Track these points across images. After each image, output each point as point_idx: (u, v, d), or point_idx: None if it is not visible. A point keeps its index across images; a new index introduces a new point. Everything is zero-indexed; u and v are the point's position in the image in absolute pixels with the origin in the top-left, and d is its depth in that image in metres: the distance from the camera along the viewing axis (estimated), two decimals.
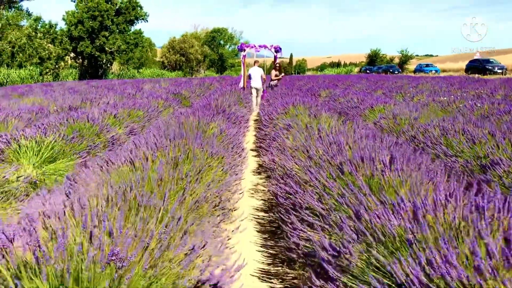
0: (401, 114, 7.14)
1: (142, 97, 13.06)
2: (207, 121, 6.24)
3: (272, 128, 7.10)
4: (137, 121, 8.17)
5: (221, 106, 8.73)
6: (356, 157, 3.31)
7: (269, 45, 16.51)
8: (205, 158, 4.05)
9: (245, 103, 12.22)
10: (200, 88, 19.08)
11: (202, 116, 6.75)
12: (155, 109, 10.01)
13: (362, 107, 8.80)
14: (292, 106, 7.81)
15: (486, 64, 34.73)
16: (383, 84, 18.53)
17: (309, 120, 6.54)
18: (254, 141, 9.03)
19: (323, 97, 13.89)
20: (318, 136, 4.65)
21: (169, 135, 4.43)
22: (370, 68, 63.34)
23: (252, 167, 6.56)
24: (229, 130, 5.93)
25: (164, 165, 3.35)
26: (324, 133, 4.78)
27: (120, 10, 52.49)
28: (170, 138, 4.35)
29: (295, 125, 6.13)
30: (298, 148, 4.47)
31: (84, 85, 23.91)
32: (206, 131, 5.69)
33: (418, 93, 12.34)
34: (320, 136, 4.64)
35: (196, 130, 5.32)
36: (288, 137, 5.46)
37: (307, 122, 6.45)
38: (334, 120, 6.31)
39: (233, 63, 77.36)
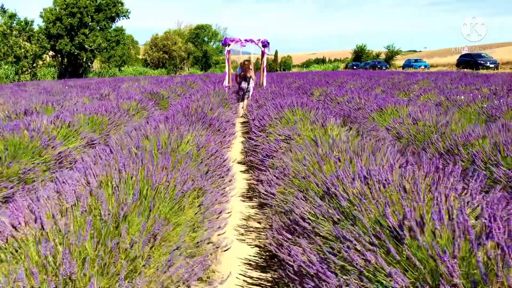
0: (422, 118, 5.81)
1: (117, 97, 11.59)
2: (182, 131, 4.84)
3: (265, 137, 5.71)
4: (99, 130, 6.72)
5: (202, 110, 7.32)
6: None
7: (256, 39, 15.02)
8: (171, 202, 2.66)
9: (230, 104, 10.81)
10: (182, 87, 17.59)
11: (177, 124, 5.34)
12: (126, 112, 8.56)
13: (368, 109, 7.46)
14: (288, 110, 6.42)
15: (478, 59, 33.75)
16: (379, 81, 17.27)
17: (312, 127, 5.17)
18: (242, 150, 7.65)
19: (317, 96, 12.54)
20: (337, 159, 3.27)
21: (119, 161, 3.02)
22: (357, 64, 62.34)
23: (240, 189, 5.16)
24: (210, 146, 4.54)
25: (92, 226, 1.95)
26: (346, 156, 3.41)
27: (100, 7, 50.70)
28: (119, 166, 2.94)
29: (296, 136, 4.77)
30: (309, 178, 3.10)
31: (60, 84, 22.31)
32: (179, 146, 4.29)
33: (423, 91, 11.05)
34: (339, 159, 3.27)
35: (165, 148, 3.92)
36: (288, 155, 4.08)
37: (310, 130, 5.08)
38: (344, 131, 4.94)
39: (218, 60, 75.77)
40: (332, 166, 3.18)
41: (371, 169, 2.61)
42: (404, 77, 18.03)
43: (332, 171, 3.04)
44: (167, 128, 5.06)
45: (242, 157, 7.09)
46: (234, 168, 6.00)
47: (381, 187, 2.40)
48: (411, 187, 2.31)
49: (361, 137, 4.49)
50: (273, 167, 4.50)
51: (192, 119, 6.25)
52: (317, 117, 6.03)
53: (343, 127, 5.47)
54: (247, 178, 5.74)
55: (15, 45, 43.97)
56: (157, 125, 5.07)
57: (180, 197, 2.82)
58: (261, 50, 15.20)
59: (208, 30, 77.07)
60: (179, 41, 67.89)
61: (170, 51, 67.14)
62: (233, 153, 7.33)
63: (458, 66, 35.35)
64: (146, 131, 4.75)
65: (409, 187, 2.33)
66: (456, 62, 37.02)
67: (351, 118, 7.60)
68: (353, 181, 2.59)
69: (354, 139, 4.51)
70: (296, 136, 4.72)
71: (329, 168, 3.17)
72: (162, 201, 2.67)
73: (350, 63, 67.53)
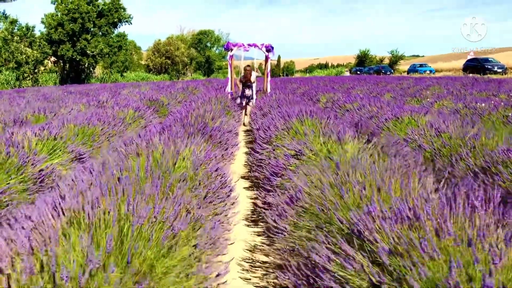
0: (446, 129, 5.24)
1: (114, 104, 11.07)
2: (179, 146, 4.27)
3: (271, 151, 5.14)
4: (90, 142, 6.17)
5: (202, 119, 6.76)
6: None
7: (260, 44, 14.44)
8: (157, 246, 2.09)
9: (233, 111, 10.25)
10: (183, 93, 17.07)
11: (173, 137, 4.78)
12: (122, 121, 8.01)
13: (382, 118, 6.89)
14: (296, 120, 5.84)
15: (485, 64, 33.10)
16: (386, 86, 16.70)
17: (324, 140, 4.59)
18: (245, 162, 7.08)
19: (324, 102, 11.97)
20: (362, 188, 2.69)
21: (93, 192, 2.45)
22: (361, 69, 61.75)
23: (244, 209, 4.59)
24: (211, 164, 3.97)
25: None
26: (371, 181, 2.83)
27: (102, 12, 50.36)
28: (94, 198, 2.37)
29: (307, 151, 4.20)
30: (329, 210, 2.52)
31: (60, 91, 21.84)
32: (175, 164, 3.72)
33: (436, 97, 10.48)
34: (364, 186, 2.69)
35: (156, 168, 3.35)
36: (301, 176, 3.50)
37: (322, 143, 4.50)
38: (361, 145, 4.36)
39: (221, 65, 75.28)
40: (357, 195, 2.60)
41: (412, 205, 2.03)
42: (413, 82, 17.46)
43: (356, 202, 2.47)
44: (162, 142, 4.50)
45: (245, 171, 6.51)
46: (237, 183, 5.43)
47: (433, 235, 1.83)
48: (476, 236, 1.74)
49: (383, 154, 3.91)
50: (281, 188, 3.93)
51: (191, 130, 5.69)
52: (329, 128, 5.46)
53: (358, 139, 4.90)
54: (252, 196, 5.16)
55: (16, 51, 43.61)
56: (150, 138, 4.51)
57: (170, 237, 2.25)
58: (264, 55, 14.64)
59: (211, 35, 76.70)
60: (181, 46, 67.53)
61: (172, 57, 66.77)
62: (236, 166, 6.76)
63: (464, 71, 34.71)
64: (137, 147, 4.19)
65: (475, 234, 1.76)
66: (463, 67, 36.38)
67: (363, 127, 7.03)
68: (391, 221, 2.01)
69: (372, 155, 3.94)
70: (307, 151, 4.15)
71: (353, 199, 2.60)
72: (145, 243, 2.11)
73: (353, 68, 66.92)
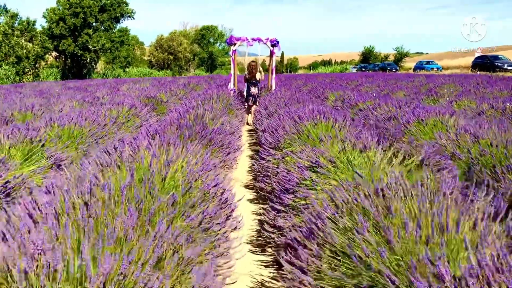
0: (483, 134, 4.51)
1: (110, 101, 10.37)
2: (171, 155, 3.56)
3: (281, 159, 4.42)
4: (73, 146, 5.46)
5: (202, 119, 6.04)
6: None
7: (264, 38, 13.66)
8: None
9: (235, 110, 9.52)
10: (184, 90, 16.34)
11: (166, 142, 4.07)
12: (114, 121, 7.30)
13: (403, 119, 6.15)
14: (308, 122, 5.11)
15: (494, 61, 32.20)
16: (396, 84, 15.91)
17: (343, 146, 3.86)
18: (250, 168, 6.37)
19: (333, 101, 11.22)
20: (416, 227, 1.97)
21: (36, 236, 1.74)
22: (366, 66, 60.86)
23: (249, 229, 3.88)
24: (209, 177, 3.26)
25: None
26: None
27: (104, 7, 49.63)
28: (37, 247, 1.66)
29: (325, 161, 3.47)
30: (371, 265, 1.80)
31: (59, 86, 21.19)
32: (164, 180, 3.01)
33: (455, 96, 9.73)
34: (418, 225, 1.97)
35: (140, 187, 2.63)
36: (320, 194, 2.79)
37: (341, 151, 3.78)
38: (390, 155, 3.62)
39: (224, 61, 74.54)
40: (410, 240, 1.88)
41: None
42: (424, 80, 16.67)
43: (411, 250, 1.76)
44: (152, 148, 3.78)
45: (250, 178, 5.79)
46: (239, 193, 4.72)
47: None
48: None
49: (419, 168, 3.18)
50: (294, 208, 3.22)
51: (188, 133, 4.97)
52: (347, 132, 4.74)
53: (381, 145, 4.17)
54: (257, 210, 4.45)
55: (17, 46, 42.97)
56: (137, 145, 3.78)
57: None
58: (269, 50, 13.86)
59: (214, 31, 75.88)
60: (184, 42, 66.75)
61: (175, 52, 66.01)
62: (239, 172, 6.05)
63: (473, 68, 33.86)
64: (121, 157, 3.47)
65: None
66: (472, 64, 35.49)
67: (382, 129, 6.30)
68: None
69: (410, 170, 3.21)
70: (326, 162, 3.43)
71: (405, 245, 1.88)
72: None
73: (358, 65, 65.97)
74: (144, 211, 2.21)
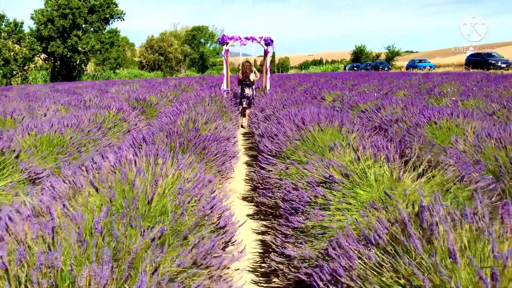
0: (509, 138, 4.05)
1: (96, 105, 9.82)
2: (159, 170, 3.05)
3: (284, 169, 3.92)
4: (52, 156, 4.92)
5: (194, 124, 5.53)
6: None
7: (258, 37, 13.16)
8: None
9: (230, 112, 9.01)
10: (175, 91, 15.80)
11: (154, 153, 3.56)
12: (99, 126, 6.77)
13: (412, 121, 5.68)
14: (314, 127, 4.61)
15: (488, 59, 31.96)
16: (393, 83, 15.50)
17: (356, 155, 3.37)
18: (247, 177, 5.88)
19: (330, 101, 10.75)
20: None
21: None
22: (358, 65, 60.54)
23: (251, 254, 3.38)
24: (204, 197, 2.75)
25: None
26: None
27: (93, 8, 48.74)
28: None
29: (339, 175, 2.98)
30: None
31: (47, 89, 20.58)
32: (150, 203, 2.50)
33: (459, 95, 9.30)
34: None
35: (119, 217, 2.13)
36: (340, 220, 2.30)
37: (354, 162, 3.29)
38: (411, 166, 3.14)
39: (215, 62, 73.94)
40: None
41: None
42: (422, 78, 16.27)
43: None
44: (138, 161, 3.27)
45: (248, 189, 5.30)
46: (238, 207, 4.23)
47: None
48: None
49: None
50: (306, 232, 2.72)
51: (179, 141, 4.46)
52: (356, 137, 4.26)
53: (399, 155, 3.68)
54: (258, 229, 3.95)
55: (4, 48, 42.09)
56: (120, 159, 3.27)
57: None
58: (263, 49, 13.35)
59: (205, 31, 75.22)
60: (175, 43, 66.05)
61: (166, 53, 65.32)
62: (236, 182, 5.55)
63: (467, 66, 33.62)
64: (100, 172, 2.96)
65: None
66: (465, 62, 35.24)
67: (389, 134, 5.84)
68: None
69: (448, 189, 2.74)
70: (340, 177, 2.95)
71: None
72: None
73: (350, 64, 65.64)
74: (122, 256, 1.71)
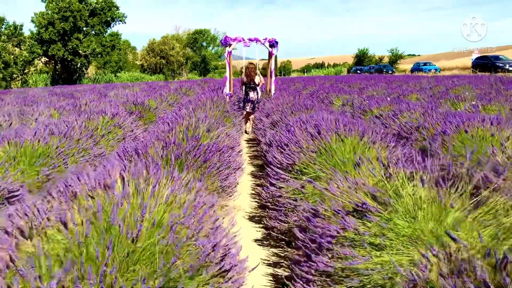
0: None
1: (95, 109, 9.24)
2: (148, 195, 2.47)
3: (299, 188, 3.32)
4: (32, 171, 4.33)
5: (194, 132, 4.94)
6: None
7: (262, 38, 12.57)
8: None
9: (233, 118, 8.42)
10: (176, 95, 15.23)
11: (146, 168, 2.97)
12: (91, 134, 6.18)
13: (438, 129, 5.08)
14: (332, 136, 4.01)
15: (496, 61, 31.33)
16: (402, 86, 14.89)
17: (386, 171, 2.77)
18: (252, 190, 5.29)
19: (339, 106, 10.16)
20: None
21: None
22: (361, 68, 59.90)
23: (259, 276, 2.78)
24: (202, 230, 2.16)
25: None
26: None
27: (94, 11, 48.22)
28: None
29: (370, 200, 2.39)
30: None
31: (45, 92, 20.00)
32: (135, 241, 1.92)
33: (478, 99, 8.70)
34: None
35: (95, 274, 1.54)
36: None
37: (385, 180, 2.70)
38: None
39: (217, 65, 73.43)
40: None
41: None
42: (432, 81, 15.67)
43: None
44: (126, 181, 2.69)
45: (254, 205, 4.70)
46: (244, 229, 3.64)
47: None
48: None
49: None
50: (335, 280, 2.12)
51: (176, 153, 3.87)
52: (378, 147, 3.66)
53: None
54: (269, 258, 3.34)
55: (4, 51, 41.60)
56: (99, 182, 2.67)
57: None
58: (268, 51, 12.75)
59: (207, 34, 74.73)
60: (177, 46, 65.55)
61: (167, 56, 64.81)
62: (241, 199, 4.94)
63: (474, 69, 33.00)
64: (75, 199, 2.37)
65: None
66: (472, 65, 34.63)
67: (411, 142, 5.24)
68: None
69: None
70: (374, 203, 2.36)
71: None
72: None
73: (353, 68, 64.98)
74: None
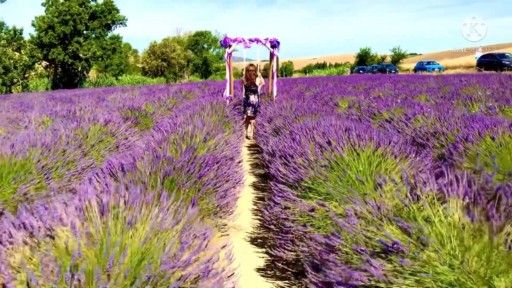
0: None
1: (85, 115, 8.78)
2: (132, 227, 2.00)
3: (307, 209, 2.85)
4: (9, 189, 3.86)
5: (190, 143, 4.47)
6: None
7: (263, 38, 12.10)
8: None
9: (233, 123, 7.95)
10: (175, 98, 14.78)
11: (132, 196, 2.50)
12: (80, 143, 5.72)
13: (458, 136, 4.59)
14: (347, 146, 3.53)
15: (502, 59, 30.78)
16: (408, 86, 14.39)
17: (407, 190, 2.29)
18: (254, 205, 4.81)
19: (345, 108, 9.68)
20: None
21: None
22: (363, 68, 59.39)
23: None
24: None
25: None
26: None
27: (95, 14, 47.87)
28: None
29: (402, 236, 1.91)
30: None
31: (44, 97, 19.59)
32: None
33: (494, 100, 8.21)
34: None
35: None
36: None
37: (408, 204, 2.22)
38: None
39: (218, 67, 73.03)
40: None
41: None
42: (439, 81, 15.17)
43: None
44: (106, 211, 2.22)
45: (255, 224, 4.22)
46: (245, 258, 3.17)
47: None
48: None
49: None
50: None
51: (166, 170, 3.40)
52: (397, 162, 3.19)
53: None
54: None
55: (4, 55, 41.26)
56: (61, 218, 2.21)
57: None
58: (269, 51, 12.26)
59: (208, 36, 74.35)
60: (178, 48, 65.16)
61: (169, 59, 64.43)
62: (241, 217, 4.45)
63: (479, 67, 32.46)
64: (32, 238, 1.90)
65: None
66: (477, 63, 34.09)
67: (428, 149, 4.76)
68: None
69: None
70: (407, 238, 1.89)
71: None
72: None
73: (355, 67, 64.42)
74: None
